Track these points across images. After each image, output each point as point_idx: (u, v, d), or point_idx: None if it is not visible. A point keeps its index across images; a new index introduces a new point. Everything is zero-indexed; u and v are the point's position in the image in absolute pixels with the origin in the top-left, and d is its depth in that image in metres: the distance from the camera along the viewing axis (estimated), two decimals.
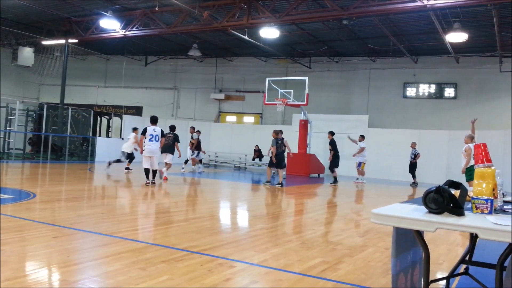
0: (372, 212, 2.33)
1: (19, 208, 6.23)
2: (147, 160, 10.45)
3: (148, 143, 10.38)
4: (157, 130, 10.50)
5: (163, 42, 21.25)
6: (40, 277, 3.29)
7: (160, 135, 10.52)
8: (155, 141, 10.42)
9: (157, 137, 10.44)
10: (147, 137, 10.39)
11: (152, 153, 10.41)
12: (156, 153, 10.50)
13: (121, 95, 24.67)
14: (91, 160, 19.17)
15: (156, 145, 10.46)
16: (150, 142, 10.38)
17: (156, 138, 10.44)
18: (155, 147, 10.44)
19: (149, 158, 10.44)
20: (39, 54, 22.55)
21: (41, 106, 19.65)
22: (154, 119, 10.72)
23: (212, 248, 4.44)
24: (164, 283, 3.24)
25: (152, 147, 10.40)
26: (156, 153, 10.50)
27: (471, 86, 19.17)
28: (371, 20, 15.09)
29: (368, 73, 21.12)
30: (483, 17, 14.31)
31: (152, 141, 10.40)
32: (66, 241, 4.42)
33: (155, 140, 10.42)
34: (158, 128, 10.56)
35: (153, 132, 10.43)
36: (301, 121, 18.36)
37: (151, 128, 10.50)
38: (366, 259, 4.39)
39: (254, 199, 9.98)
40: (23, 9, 16.78)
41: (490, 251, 4.46)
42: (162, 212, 7.13)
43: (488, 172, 2.43)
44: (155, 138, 10.42)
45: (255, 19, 15.03)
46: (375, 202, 10.30)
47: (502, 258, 2.26)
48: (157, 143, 10.46)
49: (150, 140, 10.38)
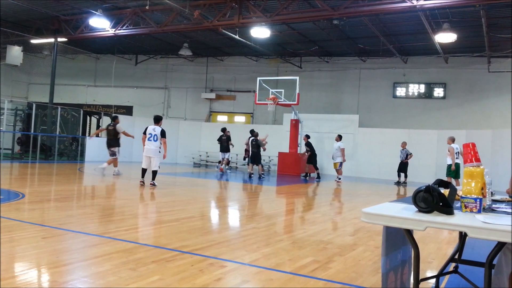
0: (362, 211, 2.34)
1: (8, 208, 6.16)
2: (145, 160, 10.26)
3: (147, 142, 10.18)
4: (157, 130, 10.23)
5: (154, 41, 21.15)
6: (29, 278, 3.26)
7: (159, 135, 10.19)
8: (153, 140, 10.16)
9: (155, 137, 10.16)
10: (147, 136, 10.19)
11: (150, 153, 10.20)
12: (154, 154, 10.21)
13: (111, 94, 24.50)
14: (80, 160, 19.02)
15: (154, 145, 10.17)
16: (148, 141, 10.17)
17: (155, 138, 10.16)
18: (152, 147, 10.16)
19: (147, 158, 10.23)
20: (27, 53, 22.29)
21: (30, 105, 19.43)
22: (156, 119, 10.51)
23: (203, 248, 4.43)
24: (155, 283, 3.23)
25: (149, 147, 10.17)
26: (154, 153, 10.21)
27: (460, 86, 19.35)
28: (361, 20, 15.16)
29: (358, 73, 21.22)
30: (471, 18, 14.45)
31: (150, 141, 10.16)
32: (56, 242, 4.39)
33: (153, 139, 10.15)
34: (158, 128, 10.28)
35: (152, 131, 10.19)
36: (292, 120, 18.40)
37: (151, 127, 10.27)
38: (357, 258, 4.41)
39: (245, 199, 9.97)
40: (12, 7, 16.58)
41: (479, 249, 4.51)
42: (152, 212, 7.10)
43: (477, 171, 2.46)
44: (154, 137, 10.15)
45: (246, 19, 15.03)
46: (365, 201, 10.35)
47: (491, 256, 2.28)
48: (155, 142, 10.17)
49: (149, 139, 10.16)
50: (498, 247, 2.25)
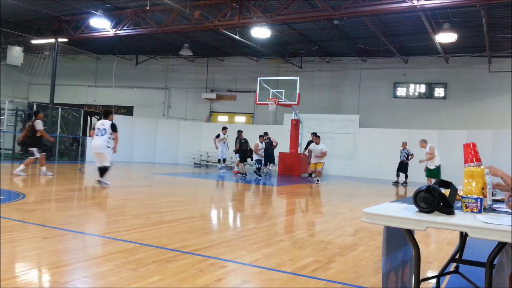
0: (362, 211, 2.34)
1: (9, 208, 6.16)
2: (97, 157, 9.65)
3: (95, 138, 9.61)
4: (106, 124, 9.66)
5: (154, 42, 21.15)
6: (29, 279, 3.26)
7: (109, 129, 9.59)
8: (100, 135, 9.57)
9: (104, 131, 9.57)
10: (95, 132, 9.65)
11: (98, 149, 9.59)
12: (103, 149, 9.56)
13: (112, 94, 24.50)
14: (81, 160, 19.03)
15: (101, 140, 9.53)
16: (96, 137, 9.59)
17: (103, 132, 9.57)
18: (100, 142, 9.54)
19: (98, 155, 9.63)
20: (28, 53, 22.31)
21: (31, 105, 19.44)
22: (105, 113, 10.05)
23: (203, 248, 4.43)
24: (156, 283, 3.23)
25: (97, 142, 9.56)
26: (102, 148, 9.57)
27: (461, 86, 19.34)
28: (362, 21, 15.16)
29: (359, 73, 21.22)
30: (472, 18, 14.44)
31: (98, 136, 9.58)
32: (56, 242, 4.39)
33: (101, 134, 9.58)
34: (107, 122, 9.72)
35: (100, 126, 9.65)
36: (293, 120, 18.40)
37: (99, 122, 9.76)
38: (357, 258, 4.41)
39: (245, 199, 9.97)
40: (12, 7, 16.59)
41: (479, 249, 4.50)
42: (153, 212, 7.09)
43: (478, 171, 2.46)
44: (102, 132, 9.59)
45: (246, 19, 15.03)
46: (366, 201, 10.34)
47: (492, 256, 2.28)
48: (103, 137, 9.54)
49: (96, 135, 9.59)
50: (499, 247, 2.25)
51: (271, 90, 17.84)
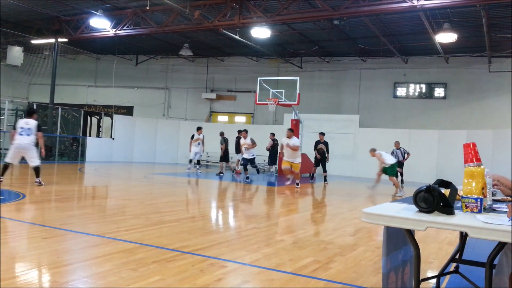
0: (363, 211, 2.34)
1: (9, 208, 6.16)
2: (16, 155, 9.40)
3: (18, 137, 9.34)
4: (31, 123, 9.44)
5: (154, 42, 21.15)
6: (29, 279, 3.26)
7: (34, 129, 9.40)
8: (26, 135, 9.34)
9: (29, 131, 9.35)
10: (17, 131, 9.38)
11: (24, 148, 9.35)
12: (29, 148, 9.36)
13: (112, 94, 24.51)
14: (81, 161, 19.03)
15: (28, 139, 9.32)
16: (21, 136, 9.33)
17: (28, 132, 9.34)
18: (26, 141, 9.30)
19: (19, 153, 9.43)
20: (28, 53, 22.30)
21: (31, 105, 19.44)
22: (29, 112, 9.89)
23: (203, 248, 4.43)
24: (156, 283, 3.23)
25: (23, 141, 9.29)
26: (28, 147, 9.36)
27: (461, 86, 19.34)
28: (361, 21, 15.16)
29: (359, 73, 21.22)
30: (472, 18, 14.44)
31: (22, 135, 9.33)
32: (56, 242, 4.39)
33: (26, 134, 9.34)
34: (32, 121, 9.50)
35: (24, 125, 9.40)
36: (293, 120, 18.38)
37: (23, 121, 9.51)
38: (357, 258, 4.41)
39: (245, 199, 9.97)
40: (12, 8, 16.59)
41: (479, 249, 4.50)
42: (153, 212, 7.09)
43: (478, 171, 2.46)
44: (27, 131, 9.35)
45: (246, 19, 15.03)
46: (366, 201, 10.34)
47: (492, 256, 2.28)
48: (29, 137, 9.33)
49: (20, 134, 9.34)
50: (499, 247, 2.25)
51: (271, 90, 17.83)
